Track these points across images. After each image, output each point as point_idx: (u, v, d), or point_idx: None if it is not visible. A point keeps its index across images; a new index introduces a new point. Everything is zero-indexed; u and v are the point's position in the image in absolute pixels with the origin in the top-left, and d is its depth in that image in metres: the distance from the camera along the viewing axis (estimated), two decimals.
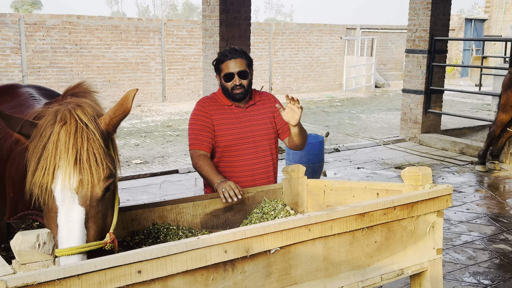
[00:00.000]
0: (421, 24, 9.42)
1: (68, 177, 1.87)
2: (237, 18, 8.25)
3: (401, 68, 20.88)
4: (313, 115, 13.53)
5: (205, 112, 3.27)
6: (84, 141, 1.90)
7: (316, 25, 18.69)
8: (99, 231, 1.94)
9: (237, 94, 3.24)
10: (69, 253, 1.83)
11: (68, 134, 1.89)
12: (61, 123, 1.91)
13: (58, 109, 1.98)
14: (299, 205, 3.20)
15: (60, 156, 1.87)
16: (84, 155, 1.89)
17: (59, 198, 1.88)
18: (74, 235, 1.86)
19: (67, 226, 1.87)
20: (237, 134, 3.28)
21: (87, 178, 1.89)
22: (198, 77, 15.70)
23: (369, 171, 7.68)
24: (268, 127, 3.36)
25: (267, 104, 3.40)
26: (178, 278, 1.80)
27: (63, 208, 1.88)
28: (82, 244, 1.86)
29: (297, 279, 2.09)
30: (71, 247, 1.84)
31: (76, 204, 1.88)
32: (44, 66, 13.54)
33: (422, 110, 9.56)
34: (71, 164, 1.87)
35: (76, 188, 1.88)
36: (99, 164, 1.91)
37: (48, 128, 1.92)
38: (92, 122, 1.96)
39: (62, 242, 1.86)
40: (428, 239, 2.49)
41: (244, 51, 3.30)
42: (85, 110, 1.98)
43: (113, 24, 14.54)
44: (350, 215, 2.16)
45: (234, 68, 3.21)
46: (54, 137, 1.89)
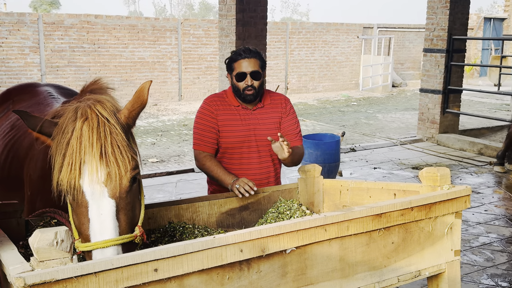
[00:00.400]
0: (440, 23, 9.31)
1: (95, 171, 1.89)
2: (253, 17, 8.24)
3: (419, 68, 20.68)
4: (329, 114, 13.48)
5: (211, 112, 3.20)
6: (107, 134, 1.93)
7: (332, 24, 18.60)
8: (129, 223, 1.96)
9: (248, 95, 3.15)
10: (104, 246, 1.86)
11: (91, 129, 1.91)
12: (83, 119, 1.94)
13: (77, 106, 2.00)
14: (314, 205, 3.18)
15: (85, 151, 1.89)
16: (109, 149, 1.91)
17: (88, 192, 1.90)
18: (107, 227, 1.88)
19: (99, 219, 1.89)
20: (240, 137, 3.20)
21: (114, 171, 1.91)
22: (214, 76, 15.73)
23: (386, 171, 7.62)
24: (273, 133, 3.25)
25: (277, 108, 3.30)
26: (194, 276, 1.80)
27: (94, 202, 1.90)
28: (115, 236, 1.89)
29: (313, 279, 2.08)
30: (106, 239, 1.87)
31: (106, 197, 1.90)
32: (62, 65, 13.69)
33: (440, 110, 9.47)
34: (97, 158, 1.89)
35: (104, 181, 1.90)
36: (124, 156, 1.94)
37: (70, 125, 1.95)
38: (112, 116, 1.99)
39: (95, 235, 1.88)
40: (446, 241, 2.46)
41: (259, 52, 3.23)
42: (105, 105, 2.00)
43: (130, 24, 14.64)
44: (367, 215, 2.14)
45: (247, 68, 3.13)
46: (77, 133, 1.91)
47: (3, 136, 3.04)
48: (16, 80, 12.61)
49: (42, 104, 3.19)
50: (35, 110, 3.11)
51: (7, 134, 3.01)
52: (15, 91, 3.61)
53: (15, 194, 2.74)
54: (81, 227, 1.92)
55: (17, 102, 3.40)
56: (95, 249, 1.85)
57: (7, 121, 3.18)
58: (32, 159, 2.61)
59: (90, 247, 1.87)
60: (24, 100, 3.37)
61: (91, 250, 1.87)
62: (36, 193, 2.54)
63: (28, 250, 2.18)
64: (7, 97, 3.58)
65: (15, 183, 2.75)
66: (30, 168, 2.60)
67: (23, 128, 2.91)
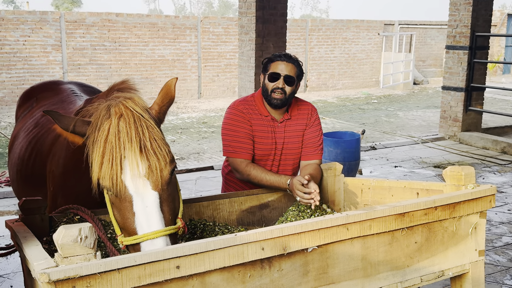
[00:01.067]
0: (462, 19, 9.18)
1: (137, 165, 1.93)
2: (273, 14, 8.22)
3: (441, 65, 20.41)
4: (349, 112, 13.39)
5: (247, 120, 3.06)
6: (144, 129, 1.97)
7: (353, 21, 18.46)
8: (172, 214, 2.00)
9: (274, 99, 3.01)
10: (154, 237, 1.89)
11: (128, 125, 1.95)
12: (117, 116, 1.97)
13: (109, 104, 2.03)
14: (335, 204, 3.16)
15: (125, 147, 1.93)
16: (148, 143, 1.95)
17: (131, 186, 1.93)
18: (153, 219, 1.92)
19: (145, 212, 1.92)
20: (267, 150, 3.10)
21: (155, 164, 1.95)
22: (234, 74, 15.75)
23: (407, 170, 7.55)
24: (298, 146, 3.16)
25: (303, 120, 3.17)
26: (216, 274, 1.80)
27: (138, 195, 1.93)
28: (162, 227, 1.92)
29: (334, 278, 2.06)
30: (154, 231, 1.90)
31: (149, 190, 1.94)
32: (84, 63, 13.84)
33: (462, 108, 9.34)
34: (137, 153, 1.93)
35: (146, 174, 1.94)
36: (162, 149, 1.98)
37: (105, 123, 1.97)
38: (145, 111, 2.03)
39: (142, 228, 1.91)
40: (470, 241, 2.43)
41: (298, 60, 3.10)
42: (136, 102, 2.04)
43: (151, 22, 14.73)
44: (390, 214, 2.12)
45: (282, 70, 3.01)
46: (115, 130, 1.94)
47: (27, 133, 3.09)
48: (38, 78, 12.79)
49: (65, 101, 3.23)
50: (58, 107, 3.15)
51: (31, 131, 3.06)
52: (39, 89, 3.66)
53: (39, 191, 2.77)
54: (125, 222, 1.95)
55: (41, 99, 3.45)
56: (144, 240, 1.89)
57: (31, 119, 3.22)
58: (54, 156, 2.64)
59: (138, 239, 1.90)
60: (48, 97, 3.42)
61: (139, 243, 1.90)
62: (58, 189, 2.57)
63: (51, 246, 2.20)
64: (31, 95, 3.64)
65: (39, 179, 2.79)
66: (52, 164, 2.63)
67: (46, 126, 2.94)
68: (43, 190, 2.75)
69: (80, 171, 2.44)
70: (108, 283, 1.59)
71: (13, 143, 3.25)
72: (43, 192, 2.75)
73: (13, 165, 3.12)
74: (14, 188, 3.22)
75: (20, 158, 3.00)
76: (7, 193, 6.25)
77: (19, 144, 3.09)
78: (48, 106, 3.25)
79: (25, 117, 3.40)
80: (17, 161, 3.03)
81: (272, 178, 2.94)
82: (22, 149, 3.01)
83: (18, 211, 5.72)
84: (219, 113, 13.06)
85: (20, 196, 3.03)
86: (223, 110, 13.35)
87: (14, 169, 3.10)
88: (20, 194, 3.04)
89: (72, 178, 2.50)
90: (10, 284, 4.02)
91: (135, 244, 1.91)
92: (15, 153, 3.12)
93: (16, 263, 4.32)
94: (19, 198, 3.06)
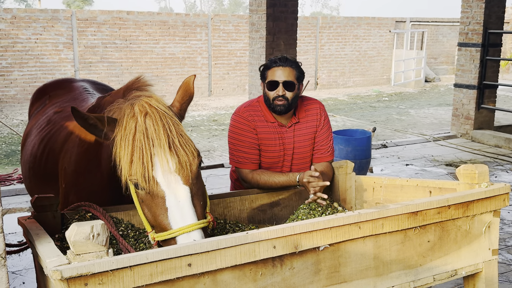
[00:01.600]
0: (475, 16, 9.09)
1: (167, 161, 1.96)
2: (284, 12, 8.19)
3: (453, 62, 20.26)
4: (360, 110, 13.33)
5: (252, 128, 2.99)
6: (171, 126, 2.01)
7: (364, 18, 18.37)
8: (201, 208, 2.04)
9: (277, 105, 2.92)
10: (189, 230, 1.91)
11: (155, 122, 1.98)
12: (143, 114, 2.00)
13: (132, 102, 2.06)
14: (347, 202, 3.14)
15: (154, 144, 1.96)
16: (176, 139, 1.99)
17: (163, 182, 1.96)
18: (187, 213, 1.95)
19: (179, 206, 1.95)
20: (275, 157, 3.04)
21: (184, 159, 1.99)
22: (244, 72, 15.74)
23: (418, 168, 7.50)
24: (308, 150, 3.09)
25: (312, 122, 3.09)
26: (227, 272, 1.80)
27: (170, 191, 1.96)
28: (196, 221, 1.95)
29: (346, 277, 2.05)
30: (189, 224, 1.93)
31: (181, 184, 1.98)
32: (95, 61, 13.91)
33: (474, 106, 9.26)
34: (166, 149, 1.97)
35: (176, 169, 1.97)
36: (188, 145, 2.02)
37: (131, 121, 2.00)
38: (168, 109, 2.07)
39: (176, 222, 1.94)
40: (483, 240, 2.40)
41: (296, 62, 2.99)
42: (158, 100, 2.07)
43: (161, 20, 14.77)
44: (403, 213, 2.10)
45: (280, 77, 2.90)
46: (142, 127, 1.98)
47: (39, 130, 3.10)
48: (50, 76, 12.88)
49: (78, 99, 3.25)
50: (71, 105, 3.16)
51: (44, 128, 3.07)
52: (51, 86, 3.68)
53: (51, 188, 2.79)
54: (158, 218, 1.98)
55: (53, 97, 3.47)
56: (180, 234, 1.91)
57: (44, 116, 3.24)
58: (67, 153, 2.65)
59: (173, 234, 1.92)
60: (60, 95, 3.43)
61: (175, 237, 1.92)
62: (70, 186, 2.59)
63: (63, 243, 2.21)
64: (44, 93, 3.66)
65: (51, 177, 2.80)
66: (65, 161, 2.65)
67: (59, 123, 2.96)
68: (56, 187, 2.76)
69: (92, 169, 2.45)
70: (120, 281, 1.59)
71: (26, 140, 3.27)
72: (56, 189, 2.76)
73: (26, 162, 3.15)
74: (26, 185, 3.25)
75: (32, 155, 3.02)
76: (19, 190, 6.30)
77: (32, 141, 3.11)
78: (60, 103, 3.27)
79: (37, 114, 3.42)
80: (30, 158, 3.05)
81: (282, 179, 2.92)
82: (34, 147, 3.03)
83: (30, 208, 5.77)
84: (229, 111, 13.06)
85: (33, 193, 3.05)
86: (233, 108, 13.36)
87: (26, 166, 3.13)
88: (33, 191, 3.06)
89: (84, 175, 2.51)
90: (22, 281, 4.05)
91: (169, 239, 1.94)
92: (27, 151, 3.14)
93: (28, 260, 4.35)
94: (32, 195, 3.08)
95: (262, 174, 2.97)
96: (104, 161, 2.39)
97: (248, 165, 3.00)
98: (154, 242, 2.00)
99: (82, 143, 2.54)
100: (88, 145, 2.49)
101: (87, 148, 2.49)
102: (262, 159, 3.04)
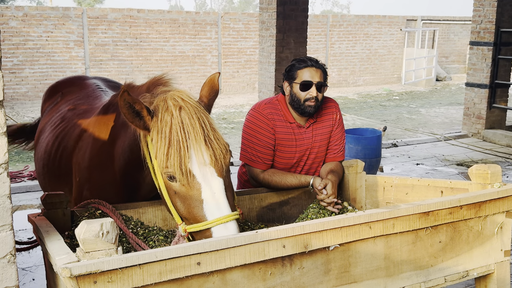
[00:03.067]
0: (487, 15, 9.01)
1: (202, 154, 2.00)
2: (294, 10, 8.16)
3: (464, 61, 20.10)
4: (370, 109, 13.26)
5: (270, 127, 2.93)
6: (205, 120, 2.05)
7: (374, 17, 18.27)
8: (232, 200, 2.08)
9: (308, 107, 2.86)
10: (226, 220, 1.95)
11: (191, 116, 2.02)
12: (177, 108, 2.04)
13: (165, 97, 2.09)
14: (357, 201, 3.12)
15: (189, 137, 2.00)
16: (210, 133, 2.04)
17: (198, 175, 1.99)
18: (223, 204, 1.99)
19: (214, 198, 1.99)
20: (293, 159, 3.02)
21: (218, 152, 2.03)
22: (254, 70, 15.72)
23: (429, 168, 7.44)
24: (323, 150, 3.06)
25: (328, 121, 3.07)
26: (237, 271, 1.79)
27: (206, 183, 2.00)
28: (231, 212, 1.98)
29: (356, 277, 2.04)
30: (226, 215, 1.96)
31: (216, 177, 2.02)
32: (106, 59, 13.96)
33: (486, 105, 9.17)
34: (202, 142, 2.01)
35: (211, 162, 2.01)
36: (220, 138, 2.07)
37: (166, 114, 2.03)
38: (199, 104, 2.11)
39: (212, 213, 1.97)
40: (495, 240, 2.37)
41: (323, 64, 2.97)
42: (189, 94, 2.11)
43: (172, 18, 14.78)
44: (414, 213, 2.08)
45: (313, 78, 2.84)
46: (177, 120, 2.01)
47: (54, 127, 3.11)
48: (61, 74, 12.95)
49: (91, 96, 3.26)
50: (84, 102, 3.17)
51: (58, 125, 3.08)
52: (64, 84, 3.70)
53: (65, 185, 2.81)
54: (192, 210, 2.00)
55: (66, 94, 3.48)
56: (217, 224, 1.94)
57: (58, 113, 3.25)
58: (81, 149, 2.67)
59: (209, 224, 1.95)
60: (73, 92, 3.44)
61: (210, 228, 1.94)
62: (84, 182, 2.60)
63: (73, 241, 2.22)
64: (56, 90, 3.67)
65: (65, 173, 2.82)
66: (79, 157, 2.67)
67: (72, 120, 2.98)
68: (69, 184, 2.77)
69: (105, 165, 2.47)
70: (129, 279, 1.59)
71: (40, 137, 3.28)
72: (69, 185, 2.78)
73: (39, 159, 3.15)
74: (40, 182, 3.25)
75: (47, 152, 3.03)
76: (30, 187, 6.34)
77: (46, 138, 3.12)
78: (74, 101, 3.28)
79: (50, 111, 3.43)
80: (44, 155, 3.06)
81: (294, 182, 2.92)
82: (48, 144, 3.04)
83: (40, 205, 5.80)
84: (239, 109, 13.06)
85: (47, 190, 3.06)
86: (243, 106, 13.36)
87: (40, 163, 3.13)
88: (47, 188, 3.07)
89: (97, 171, 2.53)
90: (32, 277, 4.07)
91: (204, 230, 1.96)
92: (41, 147, 3.15)
93: (38, 257, 4.37)
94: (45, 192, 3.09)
95: (274, 175, 2.95)
96: (118, 158, 2.40)
97: (260, 165, 2.97)
98: (186, 233, 2.02)
99: (96, 140, 2.56)
100: (102, 142, 2.51)
101: (101, 145, 2.51)
102: (276, 159, 3.02)
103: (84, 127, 2.74)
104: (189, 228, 2.00)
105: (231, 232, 1.92)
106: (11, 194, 1.63)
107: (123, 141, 2.37)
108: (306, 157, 3.05)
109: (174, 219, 2.09)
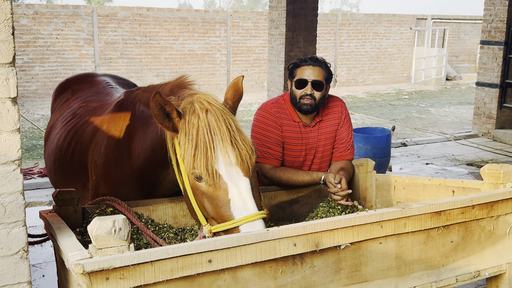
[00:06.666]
0: (498, 14, 8.94)
1: (228, 155, 2.03)
2: (304, 8, 8.15)
3: (474, 60, 19.95)
4: (379, 108, 13.21)
5: (278, 125, 2.98)
6: (231, 122, 2.09)
7: (384, 15, 18.19)
8: (259, 199, 2.11)
9: (304, 104, 2.91)
10: (254, 219, 1.97)
11: (217, 119, 2.06)
12: (204, 110, 2.07)
13: (191, 100, 2.13)
14: (367, 201, 3.11)
15: (216, 138, 2.04)
16: (236, 134, 2.08)
17: (225, 175, 2.03)
18: (250, 203, 2.02)
19: (241, 197, 2.02)
20: (299, 157, 3.04)
21: (244, 152, 2.06)
22: (262, 69, 15.71)
23: (439, 167, 7.40)
24: (329, 148, 3.08)
25: (334, 120, 3.09)
26: (248, 269, 1.79)
27: (232, 183, 2.03)
28: (258, 211, 2.01)
29: (367, 276, 2.03)
30: (253, 213, 1.98)
31: (242, 177, 2.04)
32: (115, 57, 14.00)
33: (497, 105, 9.11)
34: (229, 143, 2.04)
35: (237, 163, 2.04)
36: (246, 140, 2.10)
37: (193, 117, 2.07)
38: (225, 106, 2.15)
39: (240, 212, 2.00)
40: (508, 241, 2.36)
41: (326, 62, 3.00)
42: (214, 97, 2.15)
43: (181, 16, 14.80)
44: (426, 213, 2.07)
45: (309, 76, 2.91)
46: (204, 123, 2.05)
47: (65, 123, 3.13)
48: (71, 71, 13.01)
49: (101, 93, 3.27)
50: (95, 99, 3.19)
51: (69, 122, 3.10)
52: (74, 80, 3.71)
53: (77, 180, 2.82)
54: (219, 209, 2.02)
55: (76, 91, 3.49)
56: (245, 223, 1.96)
57: (68, 110, 3.27)
58: (96, 145, 2.69)
59: (237, 223, 1.97)
60: (83, 89, 3.46)
61: (238, 226, 1.96)
62: (100, 178, 2.62)
63: (84, 237, 2.23)
64: (67, 87, 3.69)
65: (78, 168, 2.83)
66: (94, 154, 2.68)
67: (84, 117, 2.99)
68: (82, 179, 2.79)
69: (122, 161, 2.48)
70: (141, 275, 1.59)
71: (50, 133, 3.29)
72: (82, 181, 2.79)
73: (51, 155, 3.16)
74: (51, 178, 3.26)
75: (58, 147, 3.04)
76: (40, 184, 6.38)
77: (57, 134, 3.14)
78: (84, 97, 3.30)
79: (61, 108, 3.45)
80: (56, 150, 3.07)
81: (306, 178, 2.91)
82: (60, 139, 3.05)
83: (50, 202, 5.83)
84: (248, 108, 13.05)
85: (57, 186, 3.08)
86: (252, 105, 13.35)
87: (51, 158, 3.15)
88: (57, 183, 3.09)
89: (113, 167, 2.54)
90: (42, 274, 4.10)
91: (232, 229, 1.98)
92: (52, 143, 3.16)
93: (48, 253, 4.40)
94: (56, 187, 3.10)
95: (286, 171, 2.96)
96: (136, 155, 2.42)
97: (272, 161, 2.99)
98: (211, 234, 2.04)
99: (111, 136, 2.58)
100: (118, 138, 2.52)
101: (117, 141, 2.53)
102: (286, 158, 3.04)
103: (98, 123, 2.76)
104: (214, 228, 2.02)
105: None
106: (24, 190, 1.64)
107: (142, 139, 2.39)
108: (312, 155, 3.07)
109: (199, 219, 2.11)
